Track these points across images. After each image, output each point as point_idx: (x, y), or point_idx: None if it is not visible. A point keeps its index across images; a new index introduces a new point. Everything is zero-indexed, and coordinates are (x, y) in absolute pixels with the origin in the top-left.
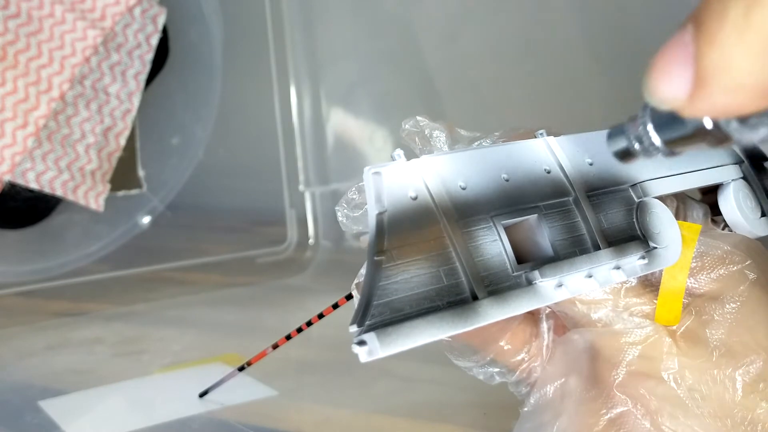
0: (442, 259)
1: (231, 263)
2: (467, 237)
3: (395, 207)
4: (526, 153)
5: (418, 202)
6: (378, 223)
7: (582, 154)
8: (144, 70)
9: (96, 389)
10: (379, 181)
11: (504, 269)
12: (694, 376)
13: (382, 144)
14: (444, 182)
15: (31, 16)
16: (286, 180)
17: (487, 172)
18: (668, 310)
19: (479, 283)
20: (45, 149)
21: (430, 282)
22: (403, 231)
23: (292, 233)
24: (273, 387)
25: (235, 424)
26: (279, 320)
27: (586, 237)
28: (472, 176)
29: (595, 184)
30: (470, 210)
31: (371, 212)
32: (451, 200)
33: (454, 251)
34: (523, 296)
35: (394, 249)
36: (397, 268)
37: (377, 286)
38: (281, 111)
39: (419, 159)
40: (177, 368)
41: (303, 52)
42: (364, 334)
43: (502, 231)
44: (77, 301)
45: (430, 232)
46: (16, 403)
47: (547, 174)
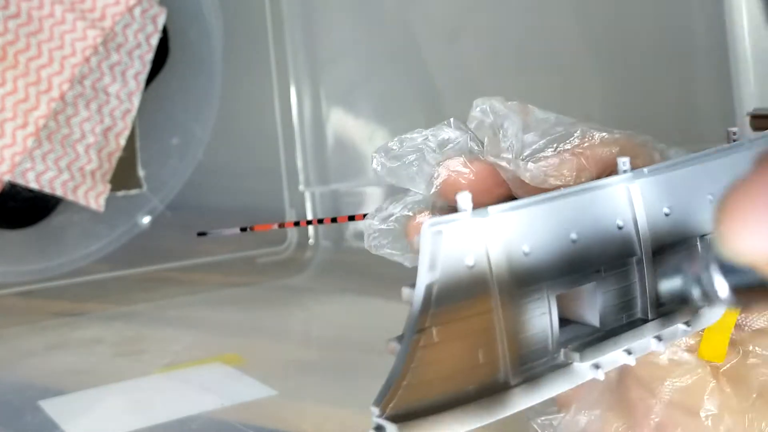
0: (483, 338)
1: (231, 263)
2: (517, 311)
3: (448, 276)
4: (603, 203)
5: (474, 271)
6: (426, 294)
7: (661, 201)
8: (144, 70)
9: (96, 389)
10: (438, 243)
11: (545, 346)
12: (733, 418)
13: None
14: (507, 246)
15: (31, 16)
16: (286, 180)
17: (556, 231)
18: (713, 347)
19: (516, 367)
20: (45, 149)
21: (464, 363)
22: (451, 304)
23: (292, 233)
24: (273, 387)
25: (235, 424)
26: (279, 320)
27: (637, 301)
28: (538, 238)
29: (664, 239)
30: (528, 280)
31: (422, 280)
32: (510, 269)
33: (498, 330)
34: (556, 378)
35: (436, 326)
36: (434, 349)
37: (409, 368)
38: (281, 111)
39: (487, 218)
40: (177, 368)
41: (303, 52)
42: (384, 421)
43: (554, 305)
44: (77, 301)
45: (478, 306)
46: (16, 403)
47: (619, 230)
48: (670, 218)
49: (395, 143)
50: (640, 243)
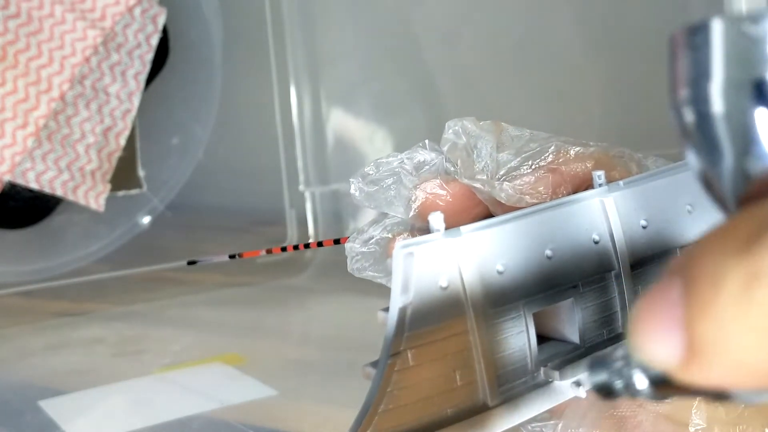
0: (460, 359)
1: (231, 263)
2: (492, 330)
3: (421, 298)
4: (577, 218)
5: (448, 292)
6: (400, 317)
7: (638, 214)
8: (144, 70)
9: (96, 389)
10: (410, 266)
11: (523, 365)
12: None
13: (382, 144)
14: (481, 266)
15: (31, 16)
16: (286, 180)
17: (531, 248)
18: None
19: (494, 386)
20: (45, 149)
21: (441, 386)
22: (425, 326)
23: (292, 233)
24: (273, 387)
25: (235, 424)
26: (279, 320)
27: (617, 315)
28: (513, 256)
29: (643, 252)
30: (503, 299)
31: (395, 303)
32: (484, 289)
33: (474, 351)
34: (537, 398)
35: (411, 349)
36: (410, 372)
37: (384, 392)
38: (281, 111)
39: (460, 238)
40: (177, 368)
41: (303, 52)
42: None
43: (531, 322)
44: (77, 301)
45: (453, 328)
46: (16, 403)
47: (595, 245)
48: (647, 230)
49: (371, 168)
50: (618, 257)
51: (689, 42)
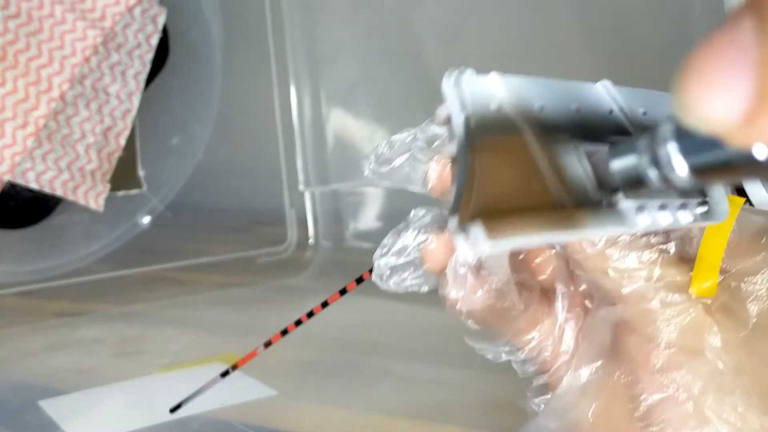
0: (530, 171)
1: (231, 263)
2: (550, 153)
3: (479, 115)
4: (590, 92)
5: (500, 113)
6: (466, 125)
7: (636, 103)
8: (144, 70)
9: (96, 389)
10: (461, 88)
11: (586, 189)
12: (740, 353)
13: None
14: (522, 100)
15: (31, 16)
16: (286, 180)
17: (559, 99)
18: (704, 281)
19: (570, 195)
20: (45, 149)
21: (523, 189)
22: (490, 136)
23: (292, 233)
24: (273, 387)
25: (235, 424)
26: (279, 320)
27: None
28: (546, 100)
29: None
30: (551, 128)
31: (457, 117)
32: (529, 118)
33: (542, 164)
34: (610, 217)
35: (485, 151)
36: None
37: (474, 179)
38: (281, 111)
39: (494, 75)
40: (177, 368)
41: (303, 52)
42: (467, 223)
43: (582, 153)
44: (77, 301)
45: (515, 142)
46: (16, 403)
47: (610, 114)
48: (647, 117)
49: (384, 147)
50: (633, 127)
51: None
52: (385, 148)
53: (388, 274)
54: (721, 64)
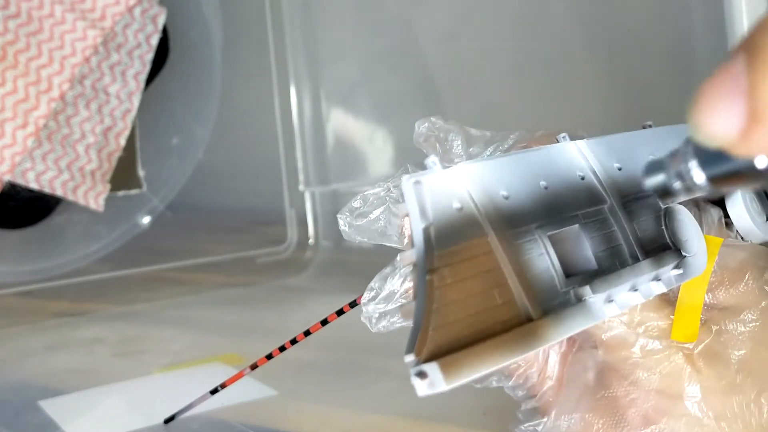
0: (493, 277)
1: (231, 263)
2: (516, 251)
3: (440, 220)
4: (561, 158)
5: (464, 213)
6: (425, 238)
7: (610, 158)
8: (144, 70)
9: (96, 389)
10: (421, 192)
11: (552, 285)
12: (721, 401)
13: (382, 144)
14: (487, 191)
15: (31, 16)
16: (286, 180)
17: (527, 179)
18: (685, 327)
19: (534, 301)
20: (45, 149)
21: (483, 303)
22: (452, 246)
23: (292, 233)
24: (273, 387)
25: (235, 424)
26: (279, 320)
27: (623, 247)
28: (512, 184)
29: (626, 190)
30: (516, 220)
31: (416, 227)
32: (496, 210)
33: (505, 267)
34: (576, 314)
35: (443, 267)
36: (449, 289)
37: (431, 310)
38: (281, 111)
39: (457, 167)
40: (177, 368)
41: (303, 52)
42: (423, 365)
43: (548, 243)
44: (77, 301)
45: (478, 247)
46: (16, 403)
47: (582, 180)
48: (623, 172)
49: (358, 201)
50: (607, 191)
51: None
52: (359, 202)
53: (377, 317)
54: (721, 92)
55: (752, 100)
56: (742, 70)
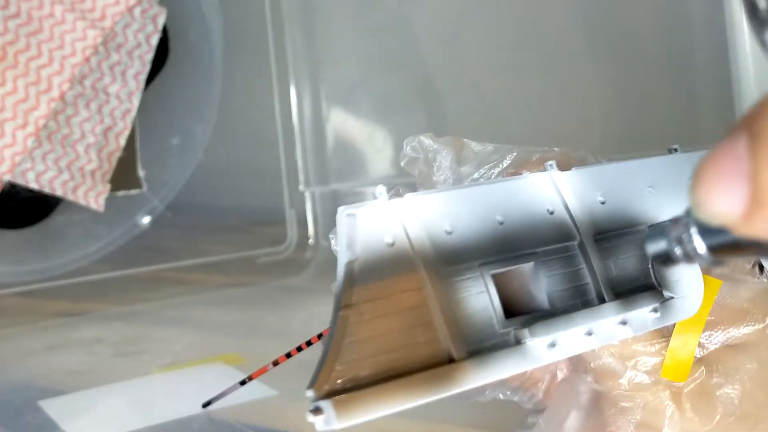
0: (417, 315)
1: (231, 263)
2: (450, 289)
3: (369, 254)
4: (528, 191)
5: (395, 248)
6: (347, 272)
7: (593, 191)
8: (144, 70)
9: (96, 389)
10: (353, 225)
11: (490, 325)
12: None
13: (382, 144)
14: (427, 226)
15: (31, 16)
16: (286, 180)
17: (479, 213)
18: (676, 366)
19: (458, 342)
20: (45, 149)
21: (401, 340)
22: (376, 281)
23: (292, 233)
24: (273, 387)
25: (235, 424)
26: (279, 320)
27: (590, 287)
28: (461, 218)
29: (605, 225)
30: (455, 258)
31: (341, 259)
32: (433, 247)
33: (432, 306)
34: (508, 357)
35: (364, 302)
36: (365, 324)
37: (341, 345)
38: (281, 111)
39: (402, 199)
40: (177, 368)
41: (303, 52)
42: (320, 401)
43: (490, 282)
44: (77, 301)
45: (406, 283)
46: (16, 403)
47: (550, 215)
48: (606, 206)
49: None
50: (578, 227)
51: None
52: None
53: None
54: (723, 173)
55: (755, 183)
56: (744, 153)
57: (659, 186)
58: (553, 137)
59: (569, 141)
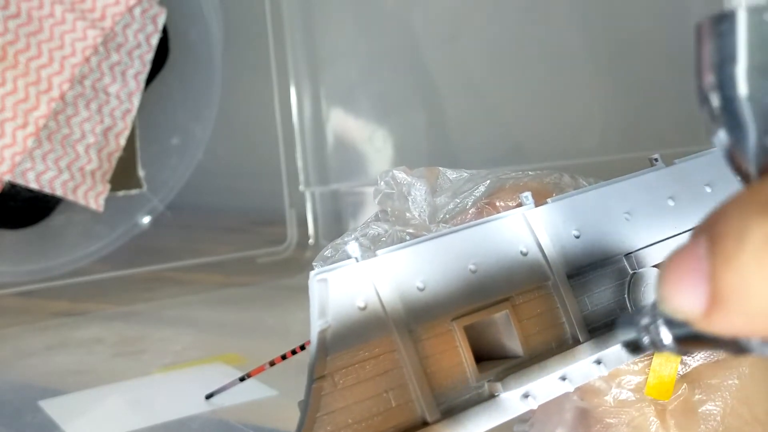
0: (391, 379)
1: (231, 263)
2: (422, 347)
3: (340, 320)
4: (500, 233)
5: (367, 312)
6: (320, 341)
7: (568, 224)
8: (144, 70)
9: (96, 389)
10: (325, 291)
11: (463, 380)
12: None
13: (382, 144)
14: (399, 285)
15: (31, 16)
16: (286, 180)
17: (451, 264)
18: (660, 385)
19: (431, 403)
20: (45, 149)
21: (375, 407)
22: (349, 348)
23: (292, 233)
24: (273, 387)
25: (235, 424)
26: (279, 320)
27: (564, 326)
28: (433, 272)
29: (580, 260)
30: (427, 314)
31: (314, 328)
32: (405, 307)
33: (405, 368)
34: (482, 413)
35: (337, 371)
36: (339, 395)
37: (315, 417)
38: (281, 111)
39: (374, 259)
40: (177, 368)
41: (303, 52)
42: None
43: (462, 337)
44: (77, 301)
45: (379, 347)
46: (16, 403)
47: (524, 257)
48: (581, 240)
49: (330, 251)
50: (551, 267)
51: (715, 31)
52: (330, 251)
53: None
54: (685, 272)
55: (714, 285)
56: (704, 254)
57: (636, 212)
58: (553, 137)
59: (569, 141)
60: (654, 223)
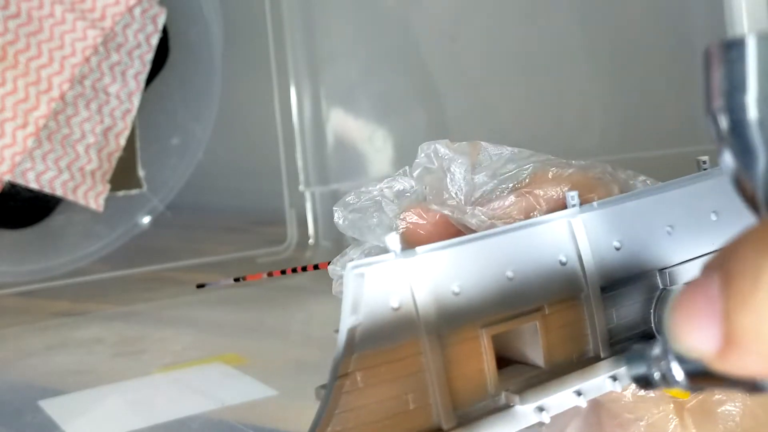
0: (413, 382)
1: (231, 263)
2: (448, 353)
3: (372, 319)
4: (542, 239)
5: (400, 313)
6: (348, 338)
7: (611, 235)
8: (144, 70)
9: (96, 389)
10: (360, 286)
11: (482, 388)
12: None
13: (382, 144)
14: (435, 287)
15: (31, 16)
16: (286, 180)
17: (490, 269)
18: None
19: (449, 411)
20: (45, 149)
21: (393, 409)
22: (376, 348)
23: (292, 233)
24: (273, 387)
25: (235, 424)
26: (279, 320)
27: (588, 338)
28: (470, 277)
29: (617, 274)
30: (459, 320)
31: (344, 324)
32: (438, 311)
33: (428, 373)
34: (496, 422)
35: (360, 370)
36: (359, 393)
37: (333, 414)
38: (281, 111)
39: (413, 258)
40: (177, 368)
41: (303, 52)
42: None
43: (489, 345)
44: (77, 301)
45: (406, 349)
46: (16, 403)
47: (562, 266)
48: (621, 252)
49: (353, 197)
50: (587, 280)
51: (725, 56)
52: (353, 198)
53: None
54: (697, 311)
55: (728, 325)
56: (717, 294)
57: (678, 225)
58: (552, 137)
59: (569, 141)
60: (694, 239)
